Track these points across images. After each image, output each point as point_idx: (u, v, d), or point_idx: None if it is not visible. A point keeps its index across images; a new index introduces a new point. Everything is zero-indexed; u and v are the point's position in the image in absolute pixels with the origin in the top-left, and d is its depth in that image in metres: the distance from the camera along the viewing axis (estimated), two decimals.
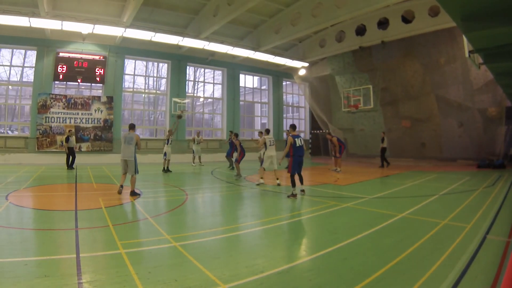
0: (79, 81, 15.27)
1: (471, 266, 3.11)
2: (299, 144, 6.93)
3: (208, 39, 15.54)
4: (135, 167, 6.87)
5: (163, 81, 18.74)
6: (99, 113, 15.46)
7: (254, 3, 12.29)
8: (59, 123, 14.66)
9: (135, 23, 13.88)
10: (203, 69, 20.29)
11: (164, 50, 16.84)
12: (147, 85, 18.24)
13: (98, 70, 15.51)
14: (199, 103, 22.37)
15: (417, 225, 4.74)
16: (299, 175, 7.24)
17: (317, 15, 14.00)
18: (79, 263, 3.09)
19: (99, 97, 15.63)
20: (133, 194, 6.78)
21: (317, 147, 23.75)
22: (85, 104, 15.25)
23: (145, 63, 17.90)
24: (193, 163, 14.87)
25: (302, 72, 20.92)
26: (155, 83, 18.70)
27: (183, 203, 6.38)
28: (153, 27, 14.39)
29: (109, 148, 15.69)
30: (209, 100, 21.43)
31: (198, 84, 20.39)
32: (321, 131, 22.07)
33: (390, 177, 11.16)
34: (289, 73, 21.99)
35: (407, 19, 14.50)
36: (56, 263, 3.14)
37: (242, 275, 2.93)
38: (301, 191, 7.29)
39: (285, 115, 23.49)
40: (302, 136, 23.72)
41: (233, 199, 7.28)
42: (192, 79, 19.56)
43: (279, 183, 8.75)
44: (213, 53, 17.93)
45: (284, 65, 20.25)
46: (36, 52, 14.44)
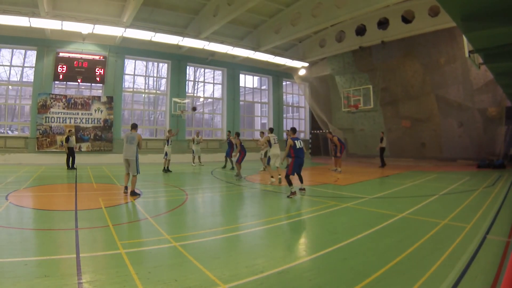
0: (79, 81, 15.28)
1: (471, 266, 3.11)
2: (299, 146, 7.06)
3: (208, 39, 15.54)
4: (136, 166, 6.87)
5: (163, 81, 18.74)
6: (99, 113, 15.46)
7: (254, 3, 12.29)
8: (59, 123, 14.67)
9: (135, 23, 13.88)
10: (203, 69, 20.29)
11: (164, 50, 16.84)
12: (147, 85, 18.25)
13: (98, 70, 15.51)
14: (199, 103, 22.36)
15: (417, 225, 4.74)
16: (299, 175, 7.37)
17: (317, 15, 14.00)
18: (79, 263, 3.10)
19: (99, 97, 15.63)
20: (133, 194, 6.78)
21: (317, 147, 23.75)
22: (85, 104, 15.25)
23: (145, 63, 17.90)
24: (193, 163, 14.87)
25: (302, 72, 20.92)
26: (155, 83, 18.70)
27: (183, 203, 6.38)
28: (153, 27, 14.39)
29: (109, 148, 15.69)
30: (209, 100, 21.44)
31: (198, 84, 20.41)
32: (321, 131, 22.07)
33: (390, 177, 11.16)
34: (289, 73, 21.99)
35: (407, 19, 14.49)
36: (56, 263, 3.14)
37: (242, 275, 2.93)
38: (301, 190, 7.32)
39: (285, 115, 23.49)
40: (302, 136, 23.96)
41: (233, 199, 7.28)
42: (192, 79, 19.57)
43: (280, 181, 8.98)
44: (213, 53, 17.93)
45: (284, 65, 20.24)
46: (36, 52, 14.44)
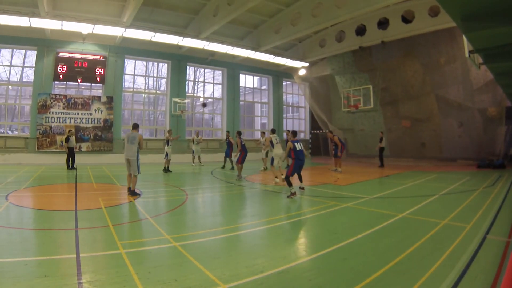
0: (79, 81, 15.27)
1: (471, 266, 3.11)
2: (299, 148, 7.26)
3: (208, 39, 15.54)
4: (137, 166, 6.87)
5: (163, 81, 18.74)
6: (99, 113, 15.46)
7: (254, 3, 12.28)
8: (59, 123, 14.66)
9: (135, 23, 13.88)
10: (203, 69, 20.29)
11: (164, 50, 16.84)
12: (147, 85, 18.24)
13: (98, 70, 15.51)
14: (199, 103, 22.34)
15: (417, 225, 4.74)
16: (299, 175, 7.55)
17: (317, 15, 14.00)
18: (79, 263, 3.10)
19: (99, 97, 15.63)
20: (133, 194, 6.78)
21: (317, 147, 23.75)
22: (85, 104, 15.25)
23: (145, 63, 17.90)
24: (193, 163, 14.87)
25: (302, 72, 20.92)
26: (155, 83, 18.70)
27: (183, 203, 6.38)
28: (153, 27, 14.39)
29: (109, 148, 15.69)
30: (209, 100, 21.42)
31: (198, 84, 20.40)
32: (321, 131, 22.07)
33: (390, 177, 11.16)
34: (289, 73, 21.99)
35: (407, 19, 14.49)
36: (56, 263, 3.14)
37: (242, 275, 2.93)
38: (301, 188, 7.46)
39: (285, 115, 23.48)
40: (302, 136, 23.97)
41: (233, 199, 7.29)
42: (192, 79, 19.56)
43: (276, 181, 9.05)
44: (213, 53, 17.93)
45: (284, 65, 20.24)
46: (36, 52, 14.44)
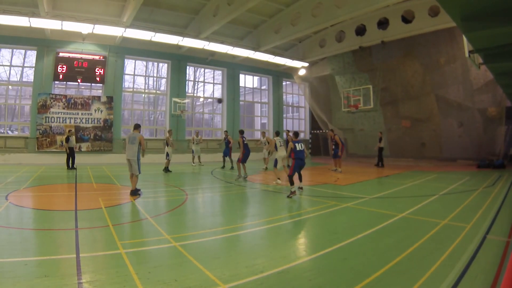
0: (79, 81, 15.27)
1: (471, 266, 3.12)
2: (299, 148, 7.36)
3: (208, 39, 15.54)
4: (138, 167, 6.86)
5: (163, 81, 18.73)
6: (99, 113, 15.46)
7: (254, 3, 12.29)
8: (59, 123, 14.66)
9: (135, 23, 13.88)
10: (203, 69, 20.28)
11: (164, 50, 16.84)
12: (147, 85, 18.24)
13: (98, 70, 15.51)
14: (199, 103, 22.36)
15: (417, 225, 4.74)
16: (299, 174, 7.63)
17: (317, 15, 14.00)
18: (79, 263, 3.09)
19: (99, 97, 15.63)
20: (134, 193, 6.78)
21: (317, 147, 23.75)
22: (85, 104, 15.24)
23: (145, 63, 17.89)
24: (193, 163, 14.87)
25: (302, 72, 20.92)
26: (155, 83, 18.69)
27: (183, 203, 6.38)
28: (153, 27, 14.39)
29: (109, 148, 15.66)
30: (209, 100, 21.43)
31: (198, 84, 20.40)
32: (321, 131, 22.07)
33: (390, 177, 11.16)
34: (289, 73, 21.99)
35: (407, 19, 14.49)
36: (56, 263, 3.14)
37: (242, 275, 2.93)
38: (299, 188, 7.55)
39: (285, 115, 23.48)
40: (302, 136, 23.96)
41: (233, 199, 7.29)
42: (192, 79, 19.56)
43: (278, 182, 9.08)
44: (213, 53, 17.92)
45: (284, 65, 20.24)
46: (36, 52, 14.43)
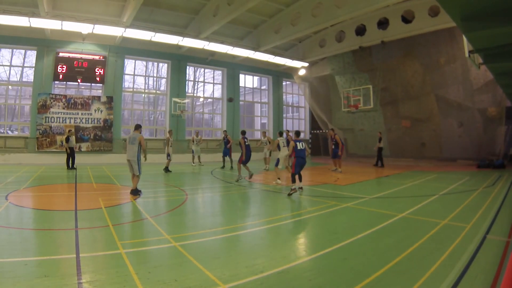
0: (79, 81, 15.26)
1: (471, 266, 3.12)
2: (300, 147, 7.49)
3: (208, 39, 15.53)
4: (138, 167, 6.86)
5: (163, 81, 18.72)
6: (99, 113, 15.45)
7: (254, 3, 12.28)
8: (59, 123, 14.66)
9: (135, 23, 13.88)
10: (203, 69, 20.28)
11: (164, 50, 16.83)
12: (147, 85, 18.23)
13: (98, 70, 15.50)
14: (199, 103, 22.36)
15: (417, 225, 4.74)
16: (299, 174, 7.65)
17: (317, 15, 14.00)
18: (79, 263, 3.09)
19: (99, 97, 15.62)
20: (134, 193, 6.78)
21: (317, 147, 23.74)
22: (85, 104, 15.24)
23: (145, 63, 17.89)
24: (193, 163, 14.87)
25: (302, 72, 20.91)
26: (155, 83, 18.69)
27: (183, 203, 6.38)
28: (153, 27, 14.38)
29: (109, 148, 15.65)
30: (209, 100, 21.43)
31: (198, 84, 20.40)
32: (321, 131, 22.06)
33: (390, 177, 11.16)
34: (289, 73, 21.98)
35: (407, 19, 14.49)
36: (56, 263, 3.14)
37: (242, 275, 2.93)
38: (299, 188, 7.56)
39: (285, 115, 23.47)
40: (302, 136, 23.95)
41: (233, 199, 7.29)
42: (192, 79, 19.56)
43: (278, 182, 9.13)
44: (213, 53, 17.92)
45: (284, 65, 20.24)
46: (36, 52, 14.42)
